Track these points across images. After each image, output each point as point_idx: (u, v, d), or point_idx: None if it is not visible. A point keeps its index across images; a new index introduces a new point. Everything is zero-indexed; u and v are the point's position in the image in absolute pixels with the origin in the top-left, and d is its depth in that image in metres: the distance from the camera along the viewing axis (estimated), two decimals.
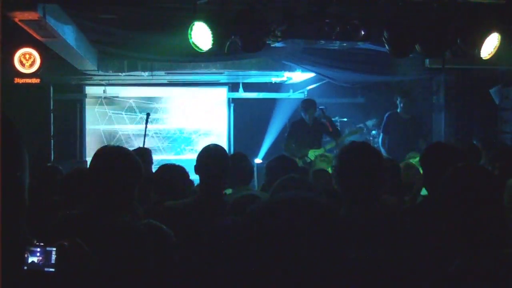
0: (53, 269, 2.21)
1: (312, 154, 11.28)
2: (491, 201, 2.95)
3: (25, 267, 2.20)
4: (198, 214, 4.58)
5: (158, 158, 13.08)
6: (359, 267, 3.07)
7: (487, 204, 2.93)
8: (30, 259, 2.21)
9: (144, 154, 7.31)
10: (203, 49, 8.26)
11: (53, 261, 2.21)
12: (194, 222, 4.52)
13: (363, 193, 3.77)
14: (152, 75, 13.06)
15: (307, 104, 11.80)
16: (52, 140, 10.66)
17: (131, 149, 6.93)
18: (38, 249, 2.21)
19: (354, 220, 3.74)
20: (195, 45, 8.24)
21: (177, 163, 6.20)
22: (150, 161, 7.78)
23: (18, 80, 10.18)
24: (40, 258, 2.20)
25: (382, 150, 11.28)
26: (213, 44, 8.14)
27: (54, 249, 2.21)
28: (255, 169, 13.09)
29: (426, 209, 4.29)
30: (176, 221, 4.55)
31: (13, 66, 10.03)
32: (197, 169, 4.86)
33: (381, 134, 12.10)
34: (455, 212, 2.99)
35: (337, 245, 1.98)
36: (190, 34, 8.18)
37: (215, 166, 4.75)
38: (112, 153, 3.64)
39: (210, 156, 4.81)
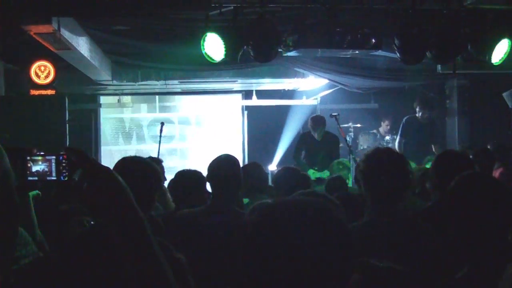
0: (54, 177, 2.26)
1: (312, 174, 11.18)
2: (497, 209, 3.01)
3: (29, 178, 2.25)
4: (210, 221, 4.65)
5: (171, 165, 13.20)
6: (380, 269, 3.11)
7: (493, 213, 2.99)
8: (34, 169, 2.27)
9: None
10: (215, 59, 8.35)
11: (54, 169, 2.25)
12: (206, 229, 4.59)
13: (389, 196, 3.85)
14: (165, 84, 13.16)
15: (315, 122, 11.72)
16: None
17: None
18: (40, 158, 2.27)
19: (378, 222, 3.82)
20: (208, 55, 8.34)
21: (193, 169, 6.22)
22: (161, 170, 7.82)
23: (33, 92, 10.27)
24: (43, 167, 2.25)
25: None
26: (225, 55, 8.24)
27: (54, 157, 2.25)
28: (269, 176, 13.16)
29: (434, 215, 4.34)
30: (189, 228, 4.65)
31: (29, 78, 10.14)
32: (209, 178, 4.93)
33: (398, 137, 12.15)
34: (462, 220, 3.05)
35: (342, 249, 1.97)
36: (203, 45, 8.27)
37: (226, 176, 4.80)
38: (132, 164, 3.71)
39: (221, 165, 4.86)
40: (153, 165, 3.89)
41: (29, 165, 2.27)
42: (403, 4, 8.35)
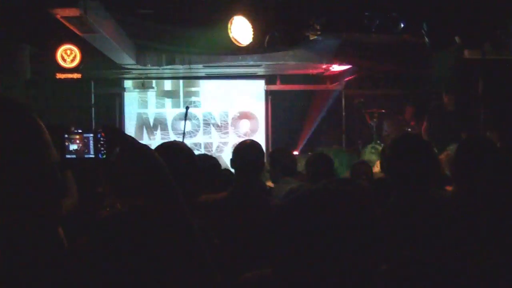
0: (92, 155, 2.26)
1: None
2: None
3: (67, 155, 2.26)
4: (233, 207, 4.65)
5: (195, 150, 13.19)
6: (407, 257, 3.10)
7: None
8: (71, 147, 2.27)
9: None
10: (243, 43, 8.30)
11: (91, 147, 2.26)
12: (230, 215, 4.59)
13: (416, 182, 3.81)
14: (190, 68, 13.14)
15: None
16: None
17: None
18: (77, 137, 2.27)
19: (404, 208, 3.78)
20: (235, 39, 8.29)
21: (208, 154, 6.22)
22: None
23: (60, 76, 10.30)
24: (80, 145, 2.26)
25: None
26: (253, 39, 8.19)
27: (92, 135, 2.25)
28: None
29: (460, 202, 4.31)
30: (213, 214, 4.64)
31: (56, 62, 10.16)
32: (233, 164, 4.93)
33: (425, 123, 12.12)
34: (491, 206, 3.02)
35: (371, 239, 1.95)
36: (230, 29, 8.22)
37: (250, 161, 4.81)
38: (170, 146, 3.71)
39: (245, 151, 4.86)
40: (189, 149, 3.92)
41: (66, 143, 2.27)
42: None
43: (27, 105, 1.71)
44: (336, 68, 13.71)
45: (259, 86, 14.90)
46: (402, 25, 8.45)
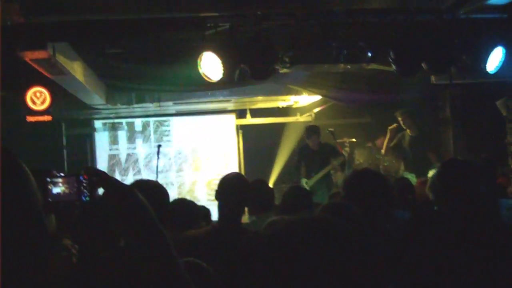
0: (76, 199, 2.25)
1: (303, 182, 11.48)
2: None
3: (50, 199, 2.24)
4: (218, 241, 4.64)
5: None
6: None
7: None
8: (55, 191, 2.25)
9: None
10: (213, 79, 8.28)
11: (75, 190, 2.25)
12: (215, 249, 4.57)
13: (372, 213, 3.93)
14: (159, 106, 13.13)
15: (309, 131, 12.02)
16: None
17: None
18: (60, 180, 2.26)
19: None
20: (205, 75, 8.28)
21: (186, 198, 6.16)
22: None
23: (30, 118, 10.23)
24: (63, 188, 2.25)
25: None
26: (223, 74, 8.18)
27: (74, 178, 2.25)
28: None
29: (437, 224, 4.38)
30: (197, 249, 4.61)
31: (26, 105, 10.10)
32: (218, 196, 4.93)
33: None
34: None
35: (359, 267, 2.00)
36: (200, 65, 8.22)
37: (235, 195, 4.82)
38: (145, 184, 3.77)
39: (231, 184, 4.88)
40: (162, 186, 3.99)
41: (49, 187, 2.25)
42: (397, 17, 8.37)
43: (11, 150, 1.71)
44: (305, 99, 13.80)
45: (230, 121, 14.90)
46: (369, 54, 8.56)
